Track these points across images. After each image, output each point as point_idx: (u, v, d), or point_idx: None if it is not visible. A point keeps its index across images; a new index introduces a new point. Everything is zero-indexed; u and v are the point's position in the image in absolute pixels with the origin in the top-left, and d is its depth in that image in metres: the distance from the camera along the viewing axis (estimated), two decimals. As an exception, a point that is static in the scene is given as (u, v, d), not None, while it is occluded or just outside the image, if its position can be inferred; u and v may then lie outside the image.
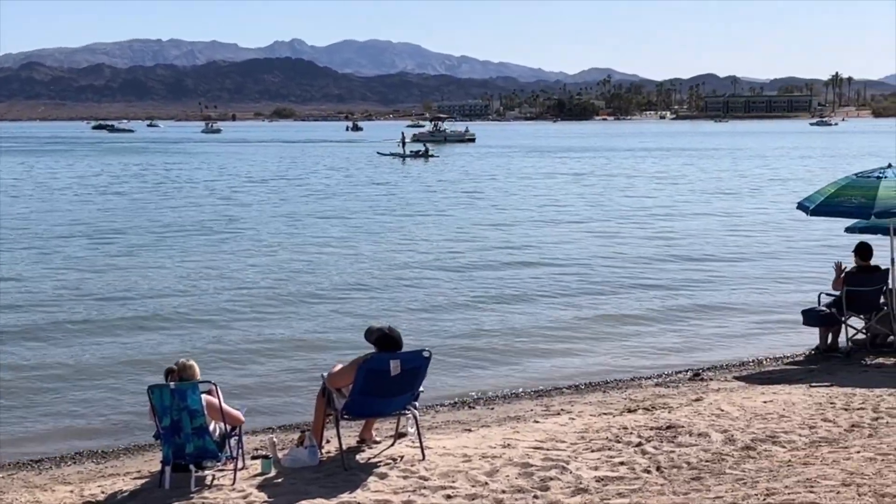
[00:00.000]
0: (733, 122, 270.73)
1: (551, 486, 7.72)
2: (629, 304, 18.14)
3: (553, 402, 11.55)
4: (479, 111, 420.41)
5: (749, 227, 30.77)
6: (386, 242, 27.06)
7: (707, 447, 8.73)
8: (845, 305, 13.37)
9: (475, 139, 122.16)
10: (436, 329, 16.04)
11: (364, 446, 9.13)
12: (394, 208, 37.69)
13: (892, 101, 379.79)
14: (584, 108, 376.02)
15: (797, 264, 22.79)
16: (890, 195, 12.79)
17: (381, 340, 8.66)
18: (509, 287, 19.91)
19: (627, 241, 27.24)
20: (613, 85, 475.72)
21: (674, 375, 13.14)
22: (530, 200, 41.05)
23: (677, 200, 40.73)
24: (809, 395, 10.80)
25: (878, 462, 7.69)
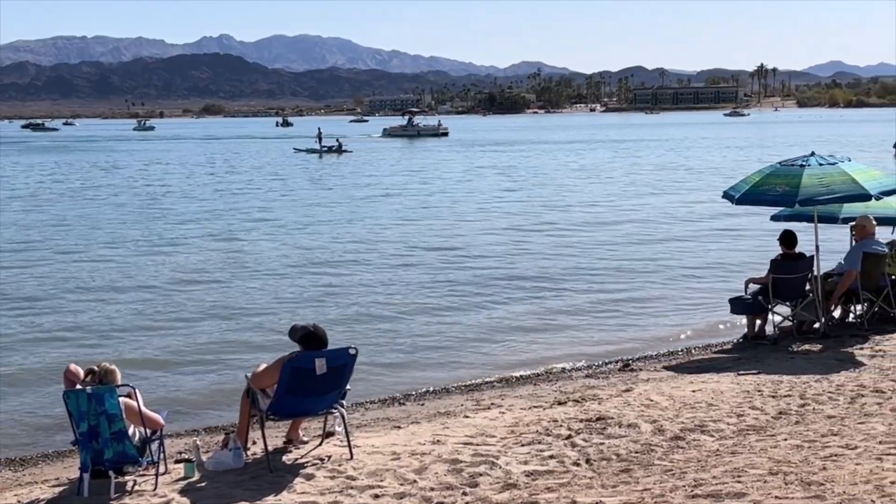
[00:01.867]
0: (663, 114, 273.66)
1: (480, 483, 7.63)
2: (559, 296, 18.15)
3: (483, 397, 11.47)
4: (411, 105, 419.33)
5: (673, 217, 30.99)
6: (302, 239, 26.78)
7: (636, 438, 8.72)
8: (771, 293, 13.48)
9: (448, 133, 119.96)
10: (363, 325, 15.88)
11: (291, 447, 8.96)
12: (306, 206, 37.40)
13: (815, 92, 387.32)
14: (515, 101, 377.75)
15: (723, 253, 23.01)
16: (813, 183, 12.93)
17: (305, 338, 8.49)
18: (437, 282, 19.80)
19: (555, 234, 27.30)
20: (543, 78, 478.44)
21: (604, 366, 13.14)
22: (452, 195, 41.02)
23: (602, 192, 40.94)
24: (737, 384, 10.85)
25: (804, 449, 7.72)
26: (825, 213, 14.24)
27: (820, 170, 13.15)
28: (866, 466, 6.91)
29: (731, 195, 13.82)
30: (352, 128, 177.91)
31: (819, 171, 13.12)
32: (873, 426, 8.44)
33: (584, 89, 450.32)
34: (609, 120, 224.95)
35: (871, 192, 12.86)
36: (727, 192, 14.10)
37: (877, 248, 13.98)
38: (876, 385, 10.38)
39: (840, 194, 12.90)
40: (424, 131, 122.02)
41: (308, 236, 27.39)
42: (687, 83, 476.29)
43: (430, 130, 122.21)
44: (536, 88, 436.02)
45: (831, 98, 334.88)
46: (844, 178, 13.00)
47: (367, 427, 9.94)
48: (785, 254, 13.69)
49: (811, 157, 13.61)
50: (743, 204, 13.85)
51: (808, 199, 12.86)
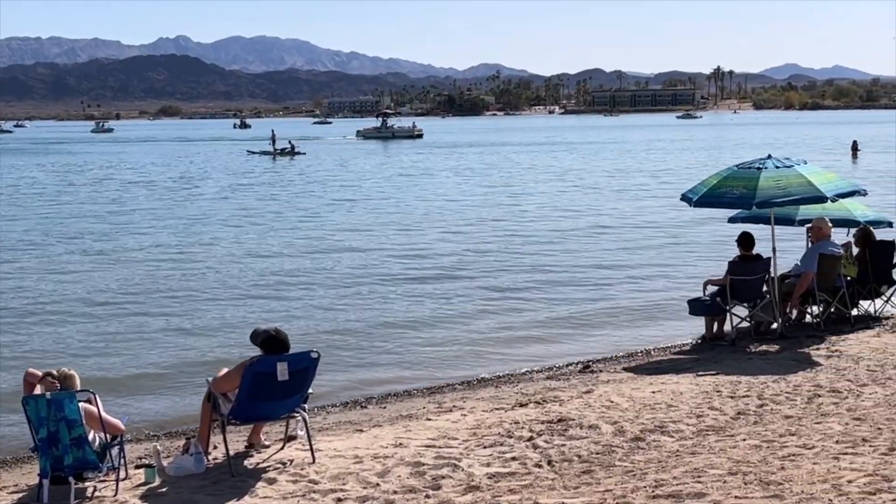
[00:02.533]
0: (622, 116, 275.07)
1: (443, 485, 7.65)
2: (519, 298, 18.22)
3: (445, 399, 11.48)
4: (370, 108, 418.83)
5: (632, 220, 31.19)
6: (258, 244, 26.65)
7: (597, 439, 8.78)
8: (729, 294, 13.62)
9: (423, 135, 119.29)
10: (324, 329, 15.84)
11: (252, 451, 8.93)
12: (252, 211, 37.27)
13: (771, 94, 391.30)
14: (475, 103, 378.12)
15: (681, 255, 23.21)
16: (770, 185, 13.10)
17: (267, 343, 8.47)
18: (397, 286, 19.79)
19: (514, 238, 27.38)
20: (503, 80, 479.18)
21: (564, 368, 13.20)
22: (409, 196, 41.04)
23: (562, 195, 41.13)
24: (696, 384, 10.96)
25: (763, 449, 7.82)
26: (782, 215, 14.45)
27: (776, 172, 13.32)
28: (823, 466, 7.02)
29: (689, 198, 13.95)
30: (318, 129, 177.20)
31: (776, 173, 13.29)
32: (830, 426, 8.56)
33: (542, 91, 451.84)
34: (568, 122, 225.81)
35: (827, 194, 13.06)
36: (685, 194, 14.24)
37: (833, 249, 14.18)
38: (832, 385, 10.53)
39: (796, 196, 13.09)
40: (399, 133, 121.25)
41: (265, 242, 27.26)
42: (645, 85, 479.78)
43: (404, 132, 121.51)
44: (496, 90, 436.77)
45: (787, 100, 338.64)
46: (800, 180, 13.18)
47: (329, 431, 9.92)
48: (742, 255, 13.83)
49: (768, 159, 13.78)
50: (701, 206, 14.01)
51: (764, 202, 13.03)
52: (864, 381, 10.64)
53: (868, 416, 8.86)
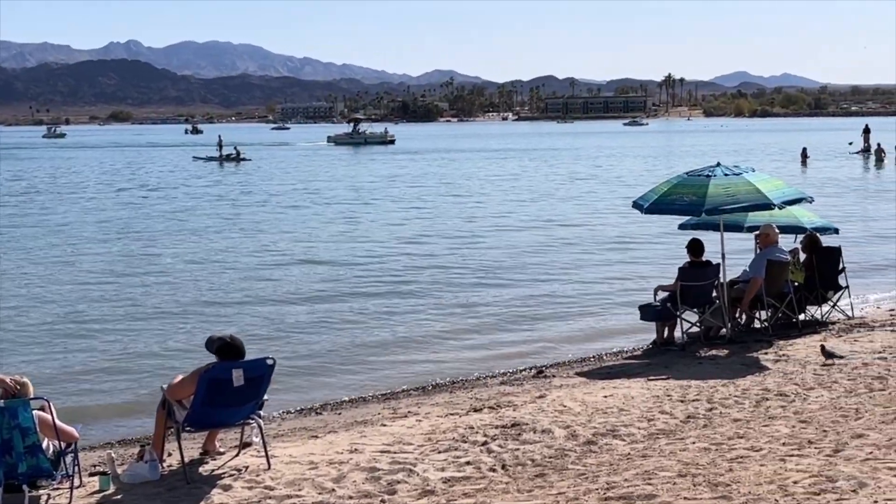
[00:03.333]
0: (577, 123, 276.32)
1: (398, 490, 7.73)
2: (474, 304, 18.32)
3: (400, 405, 11.56)
4: (324, 113, 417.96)
5: (584, 226, 31.41)
6: (212, 250, 26.55)
7: (550, 443, 8.90)
8: (680, 300, 13.83)
9: (395, 141, 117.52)
10: (279, 335, 15.84)
11: (207, 458, 8.93)
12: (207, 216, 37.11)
13: (722, 101, 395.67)
14: (429, 109, 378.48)
15: (632, 262, 23.44)
16: (719, 193, 13.34)
17: (222, 349, 8.49)
18: (351, 292, 19.80)
19: (467, 243, 27.49)
20: (456, 87, 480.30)
21: (518, 373, 13.33)
22: (364, 203, 41.06)
23: (513, 201, 41.29)
24: (648, 389, 11.12)
25: (712, 452, 7.98)
26: (730, 221, 14.70)
27: (725, 180, 13.57)
28: (770, 467, 7.18)
29: (640, 205, 14.16)
30: (278, 135, 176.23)
31: (724, 181, 13.54)
32: (777, 428, 8.74)
33: (496, 98, 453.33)
34: (522, 129, 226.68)
35: (775, 201, 13.33)
36: (636, 201, 14.45)
37: (780, 255, 14.45)
38: (780, 389, 10.74)
39: (744, 203, 13.33)
40: (371, 139, 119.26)
41: (217, 248, 27.11)
42: (597, 92, 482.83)
43: (376, 138, 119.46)
44: (449, 97, 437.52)
45: (737, 108, 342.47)
46: (749, 187, 13.43)
47: (284, 437, 9.95)
48: (692, 261, 14.06)
49: (717, 167, 14.03)
50: (652, 213, 14.24)
51: (713, 209, 13.26)
52: (810, 385, 10.86)
53: (814, 419, 9.06)
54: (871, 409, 9.36)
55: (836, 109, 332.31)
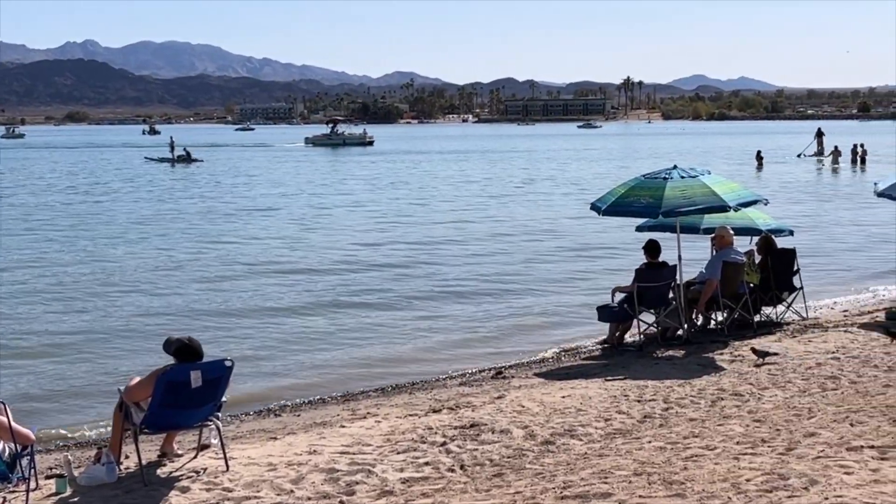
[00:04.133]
0: (539, 125, 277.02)
1: (357, 491, 7.75)
2: (433, 304, 18.38)
3: (360, 406, 11.57)
4: (284, 114, 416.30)
5: (543, 228, 31.53)
6: (172, 251, 26.39)
7: (508, 443, 8.96)
8: (637, 301, 13.97)
9: (374, 143, 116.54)
10: (237, 336, 15.80)
11: (165, 460, 8.89)
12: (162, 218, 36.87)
13: (680, 104, 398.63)
14: (389, 111, 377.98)
15: (590, 263, 23.60)
16: (675, 195, 13.49)
17: (180, 351, 8.46)
18: (311, 295, 19.77)
19: (427, 243, 27.54)
20: (417, 88, 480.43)
21: (477, 374, 13.40)
22: (324, 204, 40.99)
23: (471, 202, 41.38)
24: (605, 389, 11.22)
25: (667, 451, 8.07)
26: (687, 223, 14.87)
27: (682, 182, 13.73)
28: (724, 466, 7.28)
29: (598, 206, 14.29)
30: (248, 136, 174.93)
31: (681, 183, 13.70)
32: (732, 428, 8.86)
33: (456, 100, 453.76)
34: (483, 130, 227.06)
35: (730, 203, 13.51)
36: (594, 203, 14.57)
37: (735, 257, 14.63)
38: (735, 389, 10.88)
39: (700, 206, 13.50)
40: (350, 140, 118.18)
41: (175, 248, 26.96)
42: (556, 95, 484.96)
43: (355, 139, 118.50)
44: (410, 98, 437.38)
45: (695, 111, 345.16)
46: (705, 190, 13.60)
47: (242, 439, 9.94)
48: (649, 263, 14.20)
49: (674, 169, 14.19)
50: (609, 215, 14.37)
51: (670, 211, 13.41)
52: (764, 385, 11.01)
53: (768, 418, 9.19)
54: (823, 408, 9.50)
55: (792, 113, 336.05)
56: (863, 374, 11.31)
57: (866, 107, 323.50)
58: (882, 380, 10.85)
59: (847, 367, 11.70)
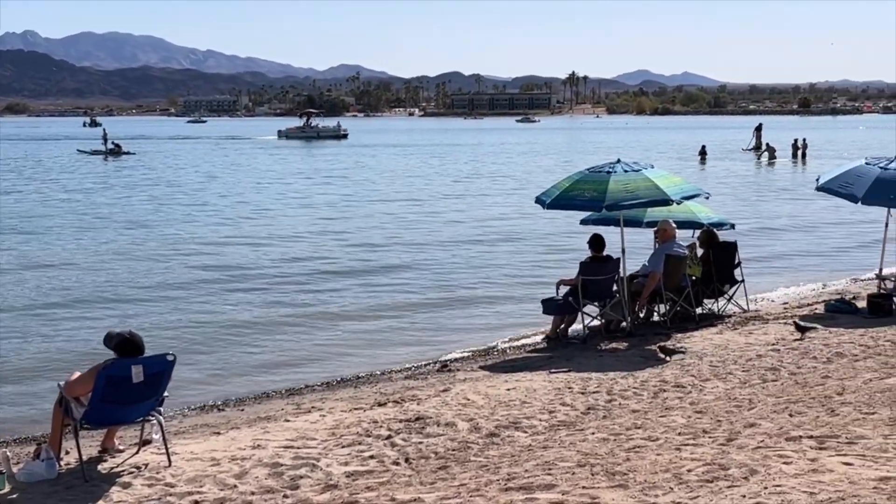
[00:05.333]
0: (488, 119, 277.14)
1: (301, 485, 7.72)
2: (377, 298, 18.35)
3: (304, 400, 11.53)
4: (228, 107, 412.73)
5: (487, 221, 31.57)
6: (110, 243, 26.07)
7: (454, 436, 8.98)
8: (581, 294, 14.06)
9: (348, 136, 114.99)
10: (179, 331, 15.64)
11: (106, 456, 8.78)
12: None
13: (624, 99, 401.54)
14: (335, 104, 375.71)
15: (535, 256, 23.68)
16: (619, 189, 13.60)
17: (121, 345, 8.35)
18: (254, 288, 19.63)
19: (372, 237, 27.48)
20: (363, 82, 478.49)
21: (423, 367, 13.41)
22: (265, 197, 40.73)
23: (418, 197, 41.36)
24: (549, 381, 11.29)
25: (610, 442, 8.14)
26: (630, 217, 15.00)
27: (625, 176, 13.84)
28: (666, 456, 7.35)
29: (542, 200, 14.36)
30: (188, 128, 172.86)
31: (624, 177, 13.81)
32: (673, 419, 8.95)
33: (402, 93, 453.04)
34: (429, 124, 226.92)
35: (673, 197, 13.64)
36: (539, 197, 14.64)
37: (678, 250, 14.79)
38: (677, 380, 11.01)
39: (644, 199, 13.62)
40: (324, 133, 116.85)
41: (114, 240, 26.62)
42: (502, 89, 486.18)
43: (329, 132, 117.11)
44: (355, 92, 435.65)
45: (639, 106, 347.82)
46: (648, 183, 13.72)
47: (185, 434, 9.85)
48: (594, 256, 14.29)
49: (617, 163, 14.30)
50: (554, 208, 14.43)
51: (613, 204, 13.51)
52: (706, 376, 11.15)
53: (709, 409, 9.30)
54: (763, 399, 9.64)
55: (734, 108, 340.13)
56: (802, 365, 11.50)
57: (807, 102, 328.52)
58: (821, 371, 11.04)
59: (787, 359, 11.88)
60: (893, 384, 9.79)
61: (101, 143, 79.64)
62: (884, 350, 12.03)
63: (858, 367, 11.08)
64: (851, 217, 28.22)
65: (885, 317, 14.45)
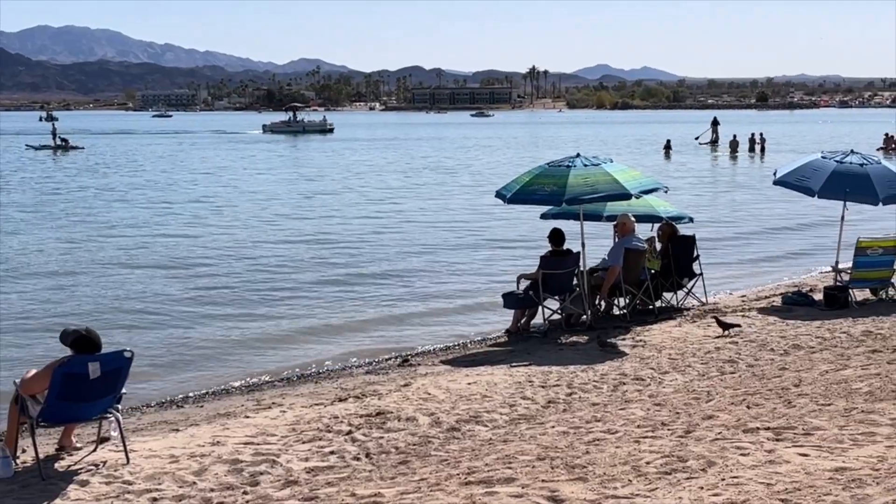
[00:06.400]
0: (451, 114, 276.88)
1: (261, 481, 7.69)
2: (338, 295, 18.27)
3: (265, 396, 11.48)
4: (186, 101, 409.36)
5: (449, 215, 31.55)
6: (61, 240, 25.79)
7: (415, 431, 8.99)
8: (542, 288, 14.11)
9: (334, 130, 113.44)
10: (137, 327, 15.50)
11: (64, 454, 8.70)
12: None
13: (584, 94, 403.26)
14: (295, 98, 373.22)
15: (496, 250, 23.70)
16: (579, 183, 13.66)
17: (78, 342, 8.27)
18: (214, 283, 19.50)
19: (329, 232, 27.38)
20: (323, 76, 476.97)
21: (384, 362, 13.39)
22: (224, 189, 40.50)
23: (379, 189, 41.30)
24: (510, 375, 11.32)
25: (570, 435, 8.18)
26: (590, 211, 15.08)
27: (584, 170, 13.90)
28: (625, 449, 7.40)
29: (503, 195, 14.39)
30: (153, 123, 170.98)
31: (584, 171, 13.87)
32: (633, 412, 9.02)
33: (363, 87, 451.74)
34: (390, 119, 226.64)
35: (632, 191, 13.73)
36: (499, 191, 14.66)
37: (637, 244, 14.88)
38: (636, 373, 11.09)
39: (603, 193, 13.69)
40: (310, 127, 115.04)
41: (62, 237, 26.33)
42: (463, 84, 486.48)
43: (315, 127, 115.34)
44: (316, 86, 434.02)
45: (599, 100, 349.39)
46: (607, 178, 13.79)
47: (144, 431, 9.78)
48: (554, 250, 14.35)
49: (577, 158, 14.36)
50: (514, 203, 14.47)
51: (573, 198, 13.57)
52: (665, 369, 11.24)
53: (668, 402, 9.38)
54: (721, 391, 9.74)
55: (693, 102, 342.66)
56: (759, 357, 11.63)
57: (764, 96, 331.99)
58: (778, 363, 11.17)
59: (745, 351, 12.01)
60: (849, 376, 9.93)
61: (49, 137, 78.78)
62: (840, 342, 12.19)
63: (815, 359, 11.23)
64: (808, 211, 28.51)
65: (841, 309, 14.64)
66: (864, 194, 15.04)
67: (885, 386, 9.06)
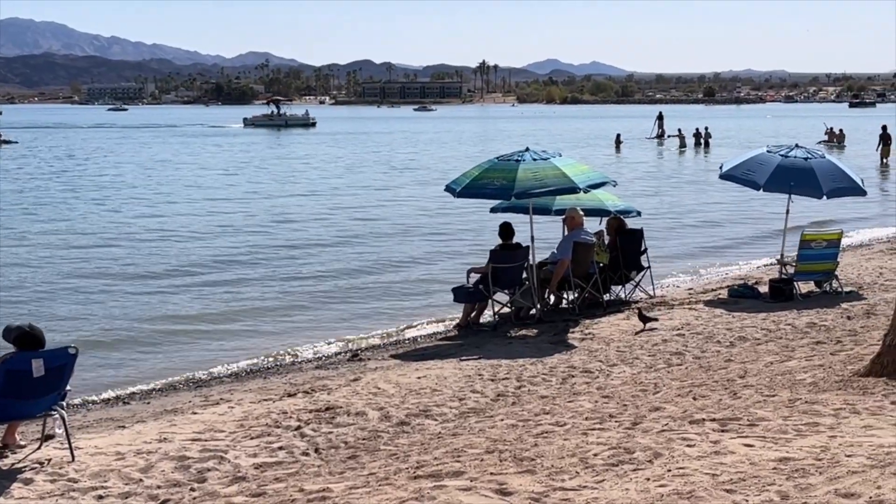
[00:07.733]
0: (400, 108, 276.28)
1: (208, 478, 7.64)
2: (286, 288, 18.19)
3: (212, 392, 11.40)
4: (133, 94, 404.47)
5: (398, 210, 31.50)
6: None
7: (364, 425, 8.98)
8: (491, 281, 14.14)
9: (316, 124, 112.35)
10: (83, 324, 15.31)
11: (7, 452, 8.56)
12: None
13: (534, 88, 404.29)
14: (244, 92, 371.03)
15: (445, 244, 23.70)
16: (528, 177, 13.71)
17: (21, 339, 8.16)
18: (159, 279, 19.29)
19: (280, 228, 27.25)
20: (272, 69, 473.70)
21: (333, 357, 13.35)
22: (178, 186, 40.12)
23: (326, 183, 41.14)
24: (460, 369, 11.35)
25: (519, 428, 8.21)
26: (539, 205, 15.15)
27: (534, 165, 13.96)
28: (573, 441, 7.44)
29: (452, 189, 14.40)
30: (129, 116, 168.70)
31: (533, 165, 13.93)
32: (581, 404, 9.07)
33: (313, 81, 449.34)
34: (342, 113, 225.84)
35: (580, 185, 13.81)
36: (449, 185, 14.68)
37: (586, 237, 14.98)
38: (585, 366, 11.16)
39: (552, 187, 13.76)
40: (292, 121, 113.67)
41: (16, 233, 25.94)
42: (414, 78, 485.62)
43: (297, 120, 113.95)
44: (265, 79, 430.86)
45: (548, 95, 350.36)
46: (556, 172, 13.86)
47: (89, 428, 9.67)
48: (503, 244, 14.39)
49: (526, 152, 14.41)
50: (464, 197, 14.49)
51: (523, 193, 13.63)
52: (613, 362, 11.33)
53: (616, 394, 9.45)
54: (668, 383, 9.83)
55: (641, 97, 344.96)
56: (706, 349, 11.75)
57: (711, 91, 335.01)
58: (724, 355, 11.30)
59: (691, 343, 12.13)
60: (793, 367, 10.06)
61: None
62: (784, 334, 12.35)
63: (760, 350, 11.37)
64: (753, 204, 28.86)
65: (786, 301, 14.83)
66: (808, 188, 15.26)
67: (828, 377, 9.18)
